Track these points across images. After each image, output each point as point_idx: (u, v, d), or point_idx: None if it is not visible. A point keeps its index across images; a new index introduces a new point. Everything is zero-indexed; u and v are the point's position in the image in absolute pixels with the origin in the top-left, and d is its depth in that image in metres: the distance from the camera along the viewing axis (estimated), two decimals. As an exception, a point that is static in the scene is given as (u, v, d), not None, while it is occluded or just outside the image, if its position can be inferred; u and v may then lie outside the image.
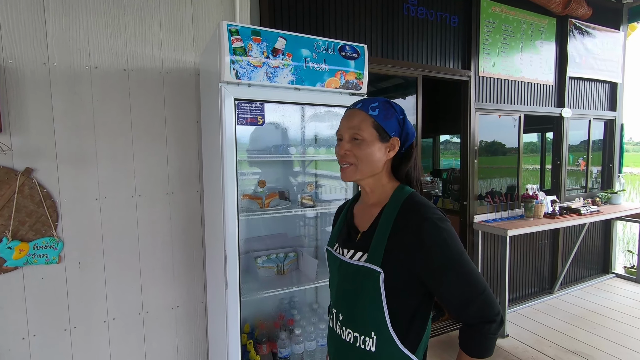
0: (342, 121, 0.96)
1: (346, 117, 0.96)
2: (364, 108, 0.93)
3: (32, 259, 1.66)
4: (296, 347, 1.84)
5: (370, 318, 0.88)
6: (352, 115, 0.94)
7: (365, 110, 0.93)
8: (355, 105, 0.96)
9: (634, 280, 4.08)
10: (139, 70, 1.84)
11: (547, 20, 3.54)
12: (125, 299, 1.88)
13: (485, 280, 0.85)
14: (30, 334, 1.69)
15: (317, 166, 2.25)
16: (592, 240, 4.19)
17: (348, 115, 0.96)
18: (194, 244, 2.02)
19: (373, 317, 0.88)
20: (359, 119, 0.92)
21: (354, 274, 0.91)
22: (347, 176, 0.94)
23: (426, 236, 0.83)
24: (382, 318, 0.86)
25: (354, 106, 0.96)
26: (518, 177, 3.55)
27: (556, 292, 3.78)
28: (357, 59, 1.70)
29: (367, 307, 0.89)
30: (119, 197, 1.83)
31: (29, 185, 1.65)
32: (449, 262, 0.83)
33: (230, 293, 1.50)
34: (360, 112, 0.93)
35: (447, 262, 0.83)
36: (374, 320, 0.88)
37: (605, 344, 2.81)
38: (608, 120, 4.26)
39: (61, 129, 1.70)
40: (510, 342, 2.86)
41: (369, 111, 0.93)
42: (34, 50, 1.63)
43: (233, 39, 1.41)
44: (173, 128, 1.94)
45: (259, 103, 1.54)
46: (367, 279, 0.88)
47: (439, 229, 0.84)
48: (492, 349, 0.86)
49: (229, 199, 1.48)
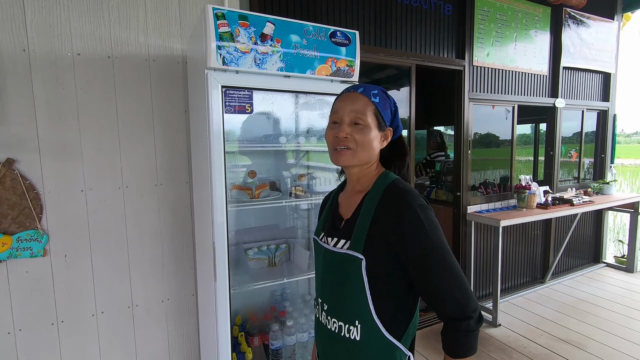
0: (341, 103, 0.91)
1: (347, 99, 0.90)
2: (366, 93, 0.90)
3: (16, 252, 1.62)
4: (288, 338, 1.82)
5: (354, 306, 0.87)
6: (354, 98, 0.89)
7: (367, 95, 0.89)
8: (357, 89, 0.91)
9: (625, 270, 4.13)
10: (123, 57, 1.78)
11: (541, 9, 3.50)
12: (114, 293, 1.84)
13: (464, 275, 0.83)
14: (16, 328, 1.66)
15: (309, 157, 2.22)
16: (584, 230, 4.22)
17: (349, 98, 0.90)
18: (183, 236, 1.99)
19: (357, 305, 0.86)
20: (362, 103, 0.88)
21: (338, 262, 0.90)
22: (344, 160, 0.89)
23: (407, 224, 0.81)
24: (366, 306, 0.85)
25: (355, 89, 0.91)
26: (511, 168, 3.55)
27: (548, 281, 3.82)
28: (348, 46, 1.66)
29: (350, 295, 0.87)
30: (105, 189, 1.79)
31: (11, 177, 1.60)
32: (428, 251, 0.81)
33: (220, 285, 1.48)
34: (363, 97, 0.89)
35: (427, 252, 0.81)
36: (357, 308, 0.86)
37: (596, 332, 2.84)
38: (601, 110, 4.26)
39: (43, 118, 1.64)
40: (502, 331, 2.88)
41: (371, 97, 0.89)
42: (13, 36, 1.57)
43: (219, 24, 1.37)
44: (161, 118, 1.89)
45: (247, 90, 1.50)
46: (349, 267, 0.86)
47: (421, 217, 0.81)
48: (475, 346, 0.83)
49: (217, 189, 1.44)
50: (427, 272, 0.81)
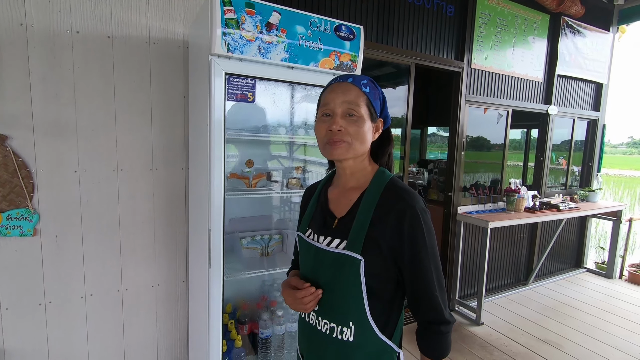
0: (332, 94, 0.86)
1: (338, 90, 0.86)
2: (357, 83, 0.86)
3: (5, 230, 1.59)
4: (278, 328, 1.84)
5: (350, 307, 0.85)
6: (346, 89, 0.85)
7: (358, 85, 0.86)
8: (346, 79, 0.87)
9: (604, 275, 4.26)
10: (124, 38, 1.75)
11: (540, 16, 3.55)
12: (104, 275, 1.83)
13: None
14: (3, 307, 1.63)
15: (306, 150, 2.22)
16: (568, 235, 4.33)
17: (340, 89, 0.86)
18: (176, 221, 1.98)
19: (352, 306, 0.85)
20: (354, 94, 0.85)
21: (332, 262, 0.86)
22: (339, 153, 0.85)
23: (408, 225, 0.81)
24: (362, 307, 0.84)
25: (344, 79, 0.87)
26: (502, 172, 3.61)
27: (530, 283, 3.91)
28: (352, 40, 1.67)
29: (346, 296, 0.85)
30: (99, 171, 1.77)
31: (3, 154, 1.57)
32: (423, 255, 0.82)
33: (214, 272, 1.48)
34: (354, 87, 0.85)
35: (422, 256, 0.82)
36: (353, 309, 0.85)
37: (573, 334, 2.94)
38: (591, 120, 4.36)
39: (39, 95, 1.61)
40: (485, 330, 2.95)
41: (362, 87, 0.86)
42: (10, 9, 1.53)
43: (226, 10, 1.35)
44: (159, 101, 1.87)
45: (250, 79, 1.49)
46: (346, 267, 0.83)
47: (422, 221, 0.82)
48: (450, 346, 0.87)
49: (216, 175, 1.44)
50: (418, 275, 0.83)
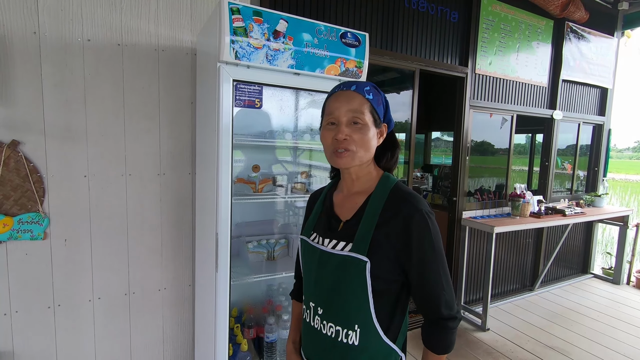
0: (336, 103, 0.87)
1: (342, 99, 0.87)
2: (360, 90, 0.87)
3: (17, 234, 1.62)
4: (283, 332, 1.85)
5: (355, 310, 0.85)
6: (349, 97, 0.87)
7: (361, 92, 0.87)
8: (350, 87, 0.88)
9: (611, 281, 4.22)
10: (133, 46, 1.79)
11: (544, 21, 3.57)
12: (112, 279, 1.85)
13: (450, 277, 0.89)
14: (13, 310, 1.66)
15: (311, 155, 2.24)
16: (574, 241, 4.30)
17: (344, 97, 0.87)
18: (183, 226, 2.00)
19: (358, 309, 0.85)
20: (358, 101, 0.86)
21: (338, 265, 0.86)
22: (344, 162, 0.86)
23: (415, 228, 0.82)
24: (367, 310, 0.84)
25: (347, 87, 0.88)
26: (507, 176, 3.61)
27: (537, 289, 3.89)
28: (358, 47, 1.69)
29: (350, 298, 0.85)
30: (108, 175, 1.80)
31: (15, 159, 1.60)
32: (430, 257, 0.83)
33: (221, 276, 1.50)
34: (358, 95, 0.87)
35: (428, 257, 0.83)
36: (358, 312, 0.85)
37: (580, 340, 2.91)
38: (597, 124, 4.35)
39: (50, 101, 1.65)
40: (490, 336, 2.93)
41: (365, 94, 0.87)
42: (24, 18, 1.57)
43: (234, 18, 1.38)
44: (167, 108, 1.90)
45: (257, 85, 1.52)
46: (352, 270, 0.84)
47: (428, 224, 0.83)
48: (455, 341, 0.89)
49: (223, 180, 1.46)
50: (426, 276, 0.84)
